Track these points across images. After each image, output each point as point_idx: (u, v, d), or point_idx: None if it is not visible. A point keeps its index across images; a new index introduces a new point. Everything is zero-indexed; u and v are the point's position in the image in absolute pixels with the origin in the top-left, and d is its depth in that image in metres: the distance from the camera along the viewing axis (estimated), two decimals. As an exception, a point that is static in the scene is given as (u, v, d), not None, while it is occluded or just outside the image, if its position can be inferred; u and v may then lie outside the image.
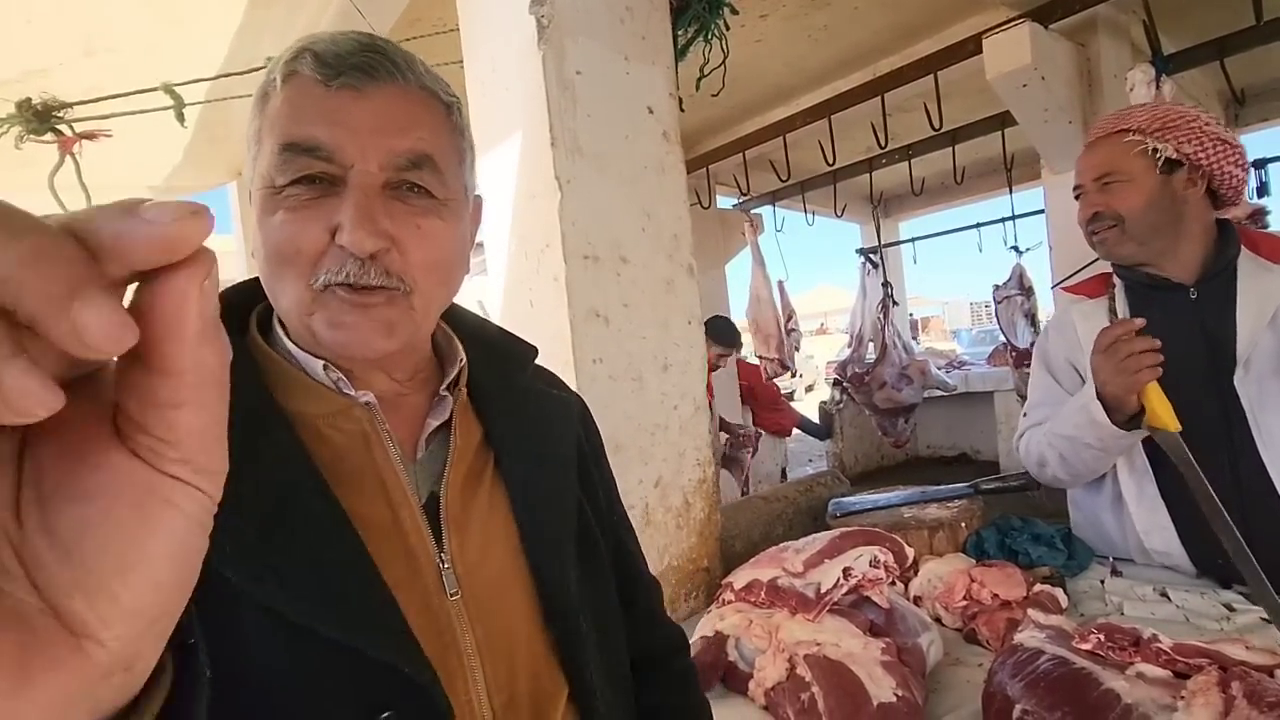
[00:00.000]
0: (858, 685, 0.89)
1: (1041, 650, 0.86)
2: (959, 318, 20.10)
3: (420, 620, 0.50)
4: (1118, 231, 1.24)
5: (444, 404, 0.58)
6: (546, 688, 0.57)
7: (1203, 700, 0.72)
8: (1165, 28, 2.55)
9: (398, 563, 0.51)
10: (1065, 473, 1.28)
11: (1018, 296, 3.86)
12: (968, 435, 6.18)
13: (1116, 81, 2.71)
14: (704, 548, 1.32)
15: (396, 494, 0.53)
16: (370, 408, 0.53)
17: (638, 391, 1.24)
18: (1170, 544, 1.22)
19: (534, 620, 0.57)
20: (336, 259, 0.48)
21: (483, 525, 0.57)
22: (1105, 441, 1.16)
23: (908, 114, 3.29)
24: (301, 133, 0.48)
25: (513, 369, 0.66)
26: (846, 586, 1.03)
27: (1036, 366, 1.40)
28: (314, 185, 0.49)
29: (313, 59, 0.49)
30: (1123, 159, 1.23)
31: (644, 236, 1.27)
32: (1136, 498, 1.24)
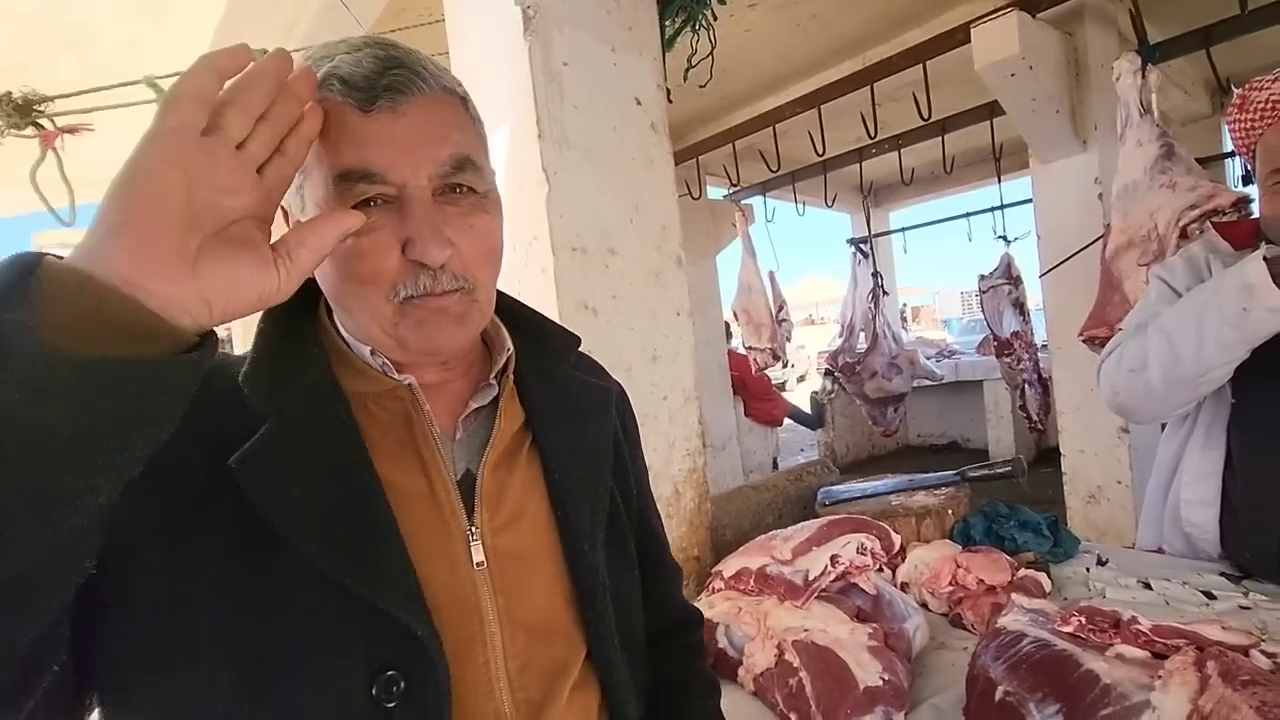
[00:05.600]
0: (844, 670, 0.90)
1: (1024, 633, 0.88)
2: (949, 307, 20.21)
3: (446, 585, 0.54)
4: None
5: (488, 390, 0.62)
6: (561, 656, 0.60)
7: (1179, 679, 0.74)
8: (1152, 16, 2.56)
9: (431, 530, 0.55)
10: (1166, 373, 1.11)
11: (1005, 286, 3.88)
12: (958, 423, 6.24)
13: (1103, 71, 2.72)
14: (694, 537, 1.33)
15: (433, 468, 0.57)
16: (413, 389, 0.58)
17: (627, 382, 1.22)
18: (1208, 520, 1.20)
19: (558, 595, 0.61)
20: (411, 272, 0.53)
21: (516, 503, 0.61)
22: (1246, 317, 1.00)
23: (897, 103, 3.29)
24: (353, 160, 0.51)
25: (555, 358, 0.69)
26: (834, 573, 1.05)
27: (1155, 283, 1.26)
28: (372, 207, 0.52)
29: (341, 85, 0.52)
30: None
31: (632, 228, 1.27)
32: (1197, 468, 1.21)
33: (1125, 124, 2.52)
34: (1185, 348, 1.08)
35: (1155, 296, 1.26)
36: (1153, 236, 2.34)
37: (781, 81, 3.66)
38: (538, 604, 0.60)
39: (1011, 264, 3.99)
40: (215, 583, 0.47)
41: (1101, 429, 2.93)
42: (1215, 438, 1.18)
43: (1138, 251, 2.41)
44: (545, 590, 0.61)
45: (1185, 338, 1.08)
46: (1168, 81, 3.49)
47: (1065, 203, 3.04)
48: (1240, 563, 1.19)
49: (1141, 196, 2.44)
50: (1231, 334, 1.03)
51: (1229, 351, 1.05)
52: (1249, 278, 1.00)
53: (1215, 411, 1.18)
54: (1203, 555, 1.24)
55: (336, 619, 0.49)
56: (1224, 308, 1.03)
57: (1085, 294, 2.67)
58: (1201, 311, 1.07)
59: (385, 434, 0.57)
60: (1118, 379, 1.22)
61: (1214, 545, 1.22)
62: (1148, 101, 2.49)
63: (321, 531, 0.49)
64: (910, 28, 3.18)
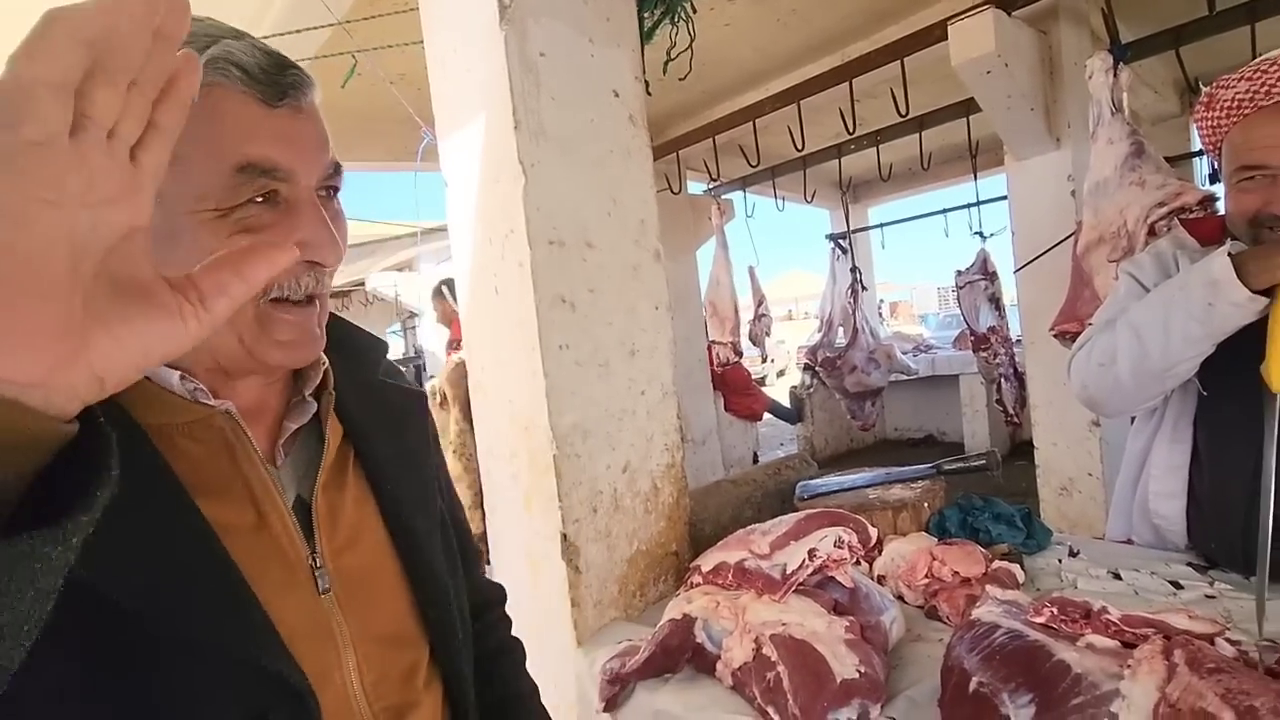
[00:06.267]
0: (822, 663, 0.90)
1: (998, 624, 0.89)
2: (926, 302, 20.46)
3: (297, 618, 0.53)
4: None
5: (304, 407, 0.60)
6: (412, 660, 0.62)
7: (1147, 668, 0.75)
8: (1123, 16, 2.60)
9: (272, 566, 0.53)
10: (1134, 367, 1.13)
11: (981, 281, 3.93)
12: (934, 417, 6.32)
13: (1077, 69, 2.76)
14: (672, 532, 1.33)
15: (265, 500, 0.55)
16: (231, 416, 0.54)
17: (604, 377, 1.23)
18: (1176, 511, 1.23)
19: (403, 604, 0.62)
20: (292, 273, 0.51)
21: (351, 523, 0.60)
22: (1211, 312, 1.01)
23: (876, 100, 3.31)
24: (258, 154, 0.49)
25: (368, 367, 0.68)
26: (812, 567, 1.05)
27: (1124, 278, 1.28)
28: (263, 205, 0.50)
29: (242, 73, 0.49)
30: None
31: (610, 222, 1.26)
32: (1165, 460, 1.23)
33: (1097, 122, 2.56)
34: (1153, 342, 1.10)
35: (1124, 292, 1.28)
36: (1122, 233, 2.38)
37: (761, 76, 3.66)
38: (385, 617, 0.60)
39: (988, 260, 4.04)
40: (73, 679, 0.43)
41: (1073, 422, 2.99)
42: (1182, 431, 1.20)
43: (1108, 248, 2.45)
44: (391, 603, 0.61)
45: (1153, 332, 1.10)
46: (1138, 81, 3.55)
47: (1039, 199, 3.08)
48: (1206, 553, 1.22)
49: (1112, 194, 2.48)
50: (1197, 328, 1.05)
51: (1195, 346, 1.06)
52: (1214, 274, 1.01)
53: (1182, 405, 1.21)
54: (1170, 546, 1.27)
55: (204, 678, 0.47)
56: (1190, 303, 1.05)
57: (1058, 289, 2.71)
58: (1168, 306, 1.08)
59: (202, 469, 0.52)
60: (1087, 373, 1.23)
61: (1181, 536, 1.24)
62: (1119, 100, 2.53)
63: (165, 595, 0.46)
64: (888, 24, 3.19)
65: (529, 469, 1.20)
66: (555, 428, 1.15)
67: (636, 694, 1.04)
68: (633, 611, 1.25)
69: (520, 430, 1.21)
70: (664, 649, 1.03)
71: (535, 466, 1.18)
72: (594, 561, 1.19)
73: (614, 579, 1.22)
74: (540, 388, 1.14)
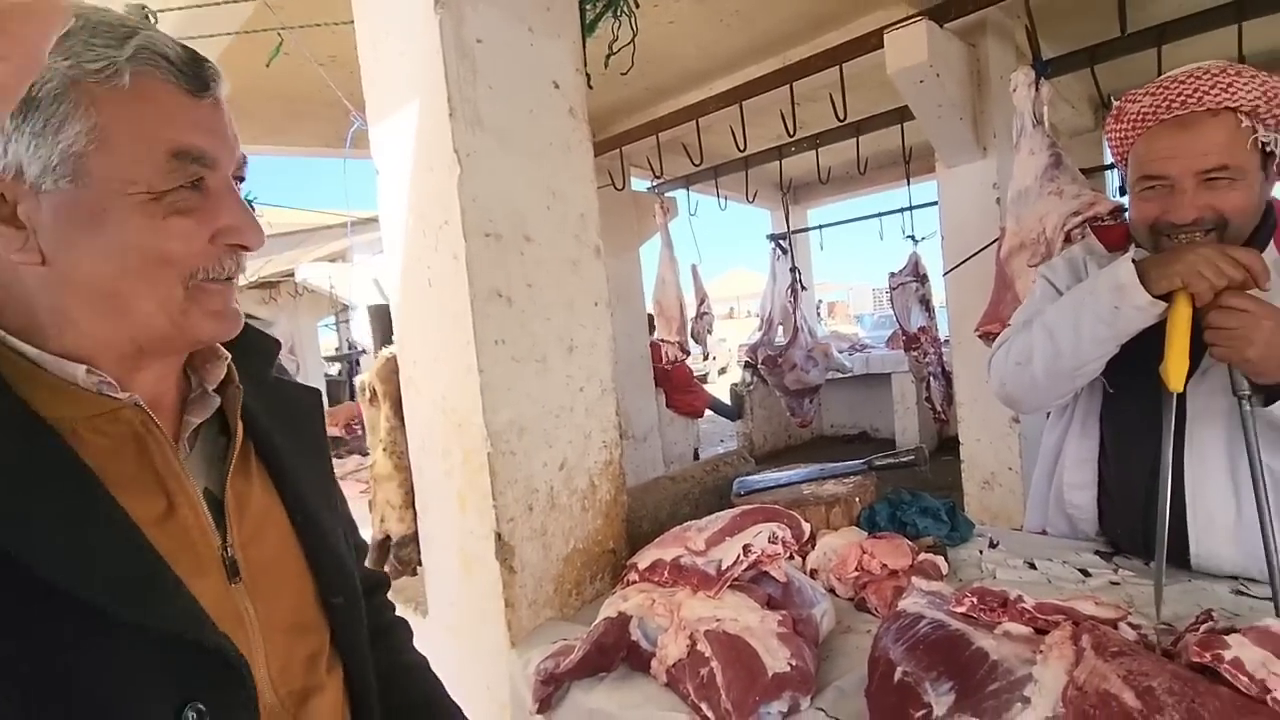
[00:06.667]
0: (754, 657, 0.91)
1: (922, 615, 0.92)
2: (862, 303, 21.12)
3: (212, 607, 0.54)
4: (1213, 238, 1.05)
5: (206, 401, 0.62)
6: (315, 646, 0.65)
7: (1057, 654, 0.79)
8: (1045, 34, 2.73)
9: (183, 555, 0.54)
10: (1047, 366, 1.18)
11: (913, 283, 4.08)
12: (867, 414, 6.53)
13: (1002, 82, 2.89)
14: (610, 530, 1.32)
15: (176, 490, 0.56)
16: (140, 408, 0.54)
17: (542, 373, 1.21)
18: (1087, 502, 1.30)
19: (307, 592, 0.65)
20: (214, 256, 0.54)
21: (257, 514, 0.62)
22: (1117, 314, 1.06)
23: (815, 104, 3.39)
24: (189, 141, 0.51)
25: (264, 363, 0.70)
26: (746, 562, 1.06)
27: (1040, 282, 1.34)
28: (191, 190, 0.52)
29: (168, 63, 0.51)
30: (1239, 150, 1.03)
31: (549, 215, 1.24)
32: (1076, 454, 1.29)
33: (1020, 133, 2.69)
34: (1064, 342, 1.15)
35: (1040, 294, 1.34)
36: (1041, 239, 2.51)
37: (705, 76, 3.68)
38: (290, 605, 0.63)
39: (919, 262, 4.20)
40: None
41: (995, 419, 3.14)
42: (1091, 426, 1.27)
43: (1028, 253, 2.58)
44: (295, 592, 0.64)
45: (1064, 333, 1.15)
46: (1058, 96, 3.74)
47: (966, 205, 3.22)
48: (1114, 540, 1.30)
49: (1032, 202, 2.61)
50: (1105, 330, 1.10)
51: (1102, 346, 1.12)
52: (1120, 278, 1.06)
53: (1090, 402, 1.28)
54: (1083, 535, 1.34)
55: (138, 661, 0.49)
56: (1098, 306, 1.10)
57: (983, 292, 2.84)
58: (1079, 309, 1.14)
59: (110, 461, 0.52)
60: (1005, 371, 1.29)
61: (1093, 525, 1.32)
62: (1040, 113, 2.66)
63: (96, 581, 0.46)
64: (828, 30, 3.26)
65: (463, 467, 1.17)
66: (490, 425, 1.12)
67: (571, 694, 1.03)
68: (569, 610, 1.24)
69: (454, 427, 1.18)
70: (599, 648, 1.02)
71: (469, 464, 1.15)
72: (529, 561, 1.17)
73: (549, 578, 1.21)
74: (475, 384, 1.11)
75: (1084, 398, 1.29)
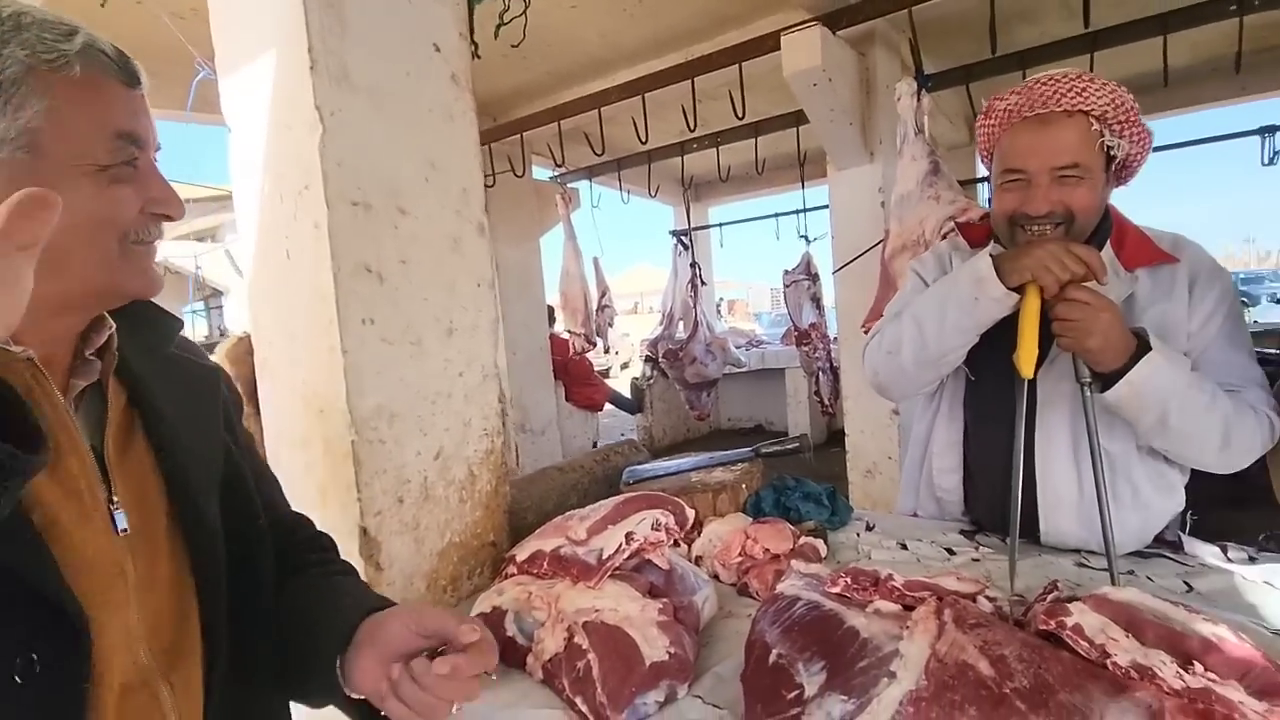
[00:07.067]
0: (632, 647, 0.89)
1: (799, 597, 0.92)
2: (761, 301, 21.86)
3: (96, 556, 0.59)
4: (1061, 232, 1.13)
5: (89, 366, 0.65)
6: (187, 604, 0.68)
7: (922, 628, 0.81)
8: (927, 50, 2.90)
9: (70, 505, 0.58)
10: (915, 354, 1.23)
11: (805, 281, 4.24)
12: (762, 408, 6.75)
13: (888, 92, 3.04)
14: (490, 521, 1.26)
15: (65, 441, 0.59)
16: (33, 362, 0.58)
17: (417, 357, 1.13)
18: (954, 484, 1.37)
19: (178, 552, 0.68)
20: (141, 223, 0.62)
21: (137, 475, 0.66)
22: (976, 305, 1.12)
23: (717, 102, 3.43)
24: (130, 125, 0.60)
25: (159, 338, 0.74)
26: (629, 551, 1.03)
27: (910, 275, 1.42)
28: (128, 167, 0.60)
29: (107, 58, 0.60)
30: (1088, 151, 1.11)
31: (428, 188, 1.15)
32: (944, 438, 1.36)
33: (903, 140, 2.84)
34: (930, 331, 1.21)
35: (910, 288, 1.41)
36: (921, 241, 2.66)
37: (608, 66, 3.65)
38: (165, 563, 0.66)
39: (810, 262, 4.36)
40: None
41: (878, 412, 3.31)
42: (956, 411, 1.35)
43: (910, 254, 2.72)
44: (169, 554, 0.67)
45: (930, 323, 1.21)
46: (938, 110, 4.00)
47: (855, 208, 3.37)
48: (977, 520, 1.38)
49: (913, 206, 2.76)
50: (966, 319, 1.16)
51: (963, 335, 1.19)
52: (978, 271, 1.13)
53: (955, 390, 1.35)
54: (950, 516, 1.42)
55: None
56: (959, 297, 1.16)
57: (869, 290, 2.98)
58: (942, 300, 1.20)
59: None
60: (878, 360, 1.35)
61: (959, 506, 1.39)
62: (921, 122, 2.82)
63: None
64: (729, 29, 3.32)
65: (324, 457, 1.07)
66: (355, 410, 1.03)
67: (441, 696, 0.96)
68: (443, 607, 1.16)
69: (315, 414, 1.08)
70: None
71: (331, 454, 1.06)
72: (398, 556, 1.09)
73: (422, 574, 1.13)
74: (339, 366, 1.02)
75: (949, 386, 1.36)
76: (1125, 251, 1.20)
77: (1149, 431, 1.12)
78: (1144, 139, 1.16)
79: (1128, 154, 1.16)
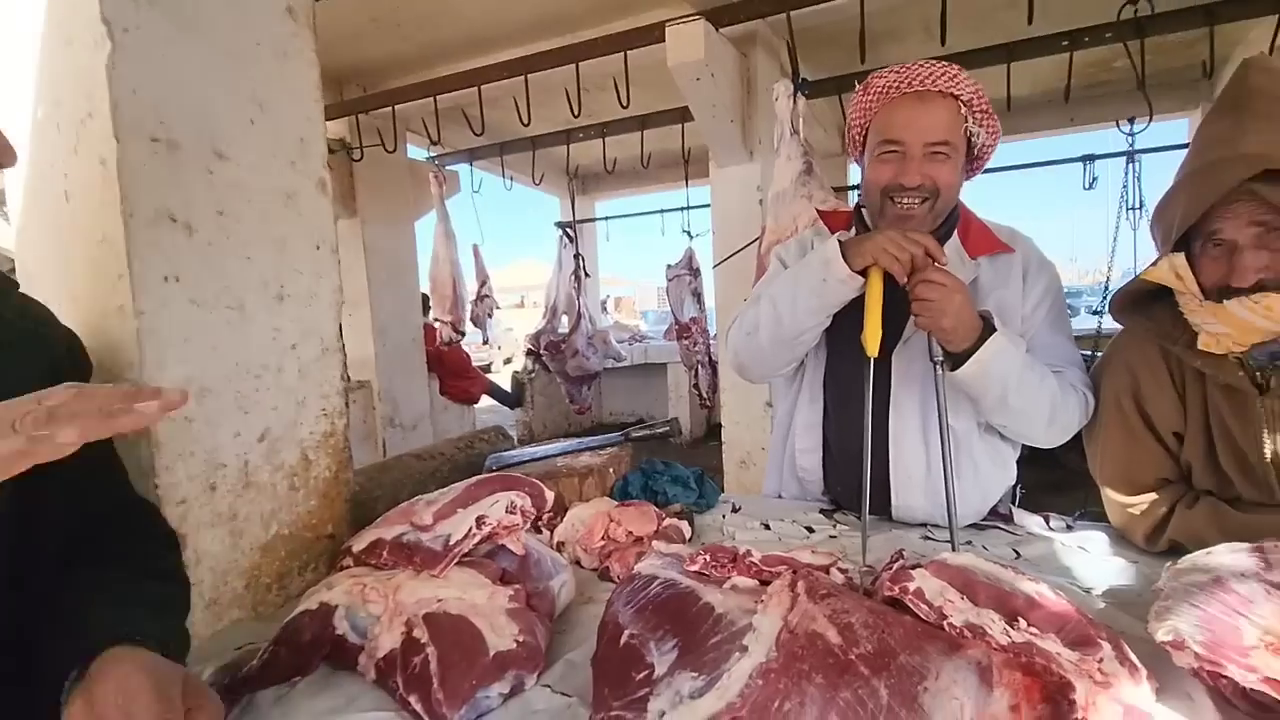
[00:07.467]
0: (476, 638, 0.81)
1: (655, 576, 0.89)
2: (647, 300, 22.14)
3: None
4: (928, 207, 1.20)
5: None
6: None
7: (775, 600, 0.79)
8: (804, 57, 3.01)
9: None
10: (771, 335, 1.27)
11: (686, 276, 4.30)
12: (644, 402, 6.81)
13: (768, 94, 3.12)
14: (329, 511, 1.13)
15: None
16: None
17: (238, 324, 0.99)
18: (814, 464, 1.40)
19: None
20: None
21: None
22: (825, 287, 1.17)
23: (604, 93, 3.38)
24: None
25: None
26: (480, 535, 0.96)
27: (774, 261, 1.46)
28: None
29: None
30: (956, 132, 1.19)
31: (254, 132, 1.02)
32: (804, 419, 1.39)
33: (780, 140, 2.93)
34: (785, 312, 1.24)
35: (772, 272, 1.45)
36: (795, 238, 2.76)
37: (490, 44, 3.51)
38: None
39: (693, 257, 4.43)
40: None
41: (752, 404, 3.40)
42: (816, 393, 1.38)
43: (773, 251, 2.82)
44: None
45: (785, 304, 1.25)
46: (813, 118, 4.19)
47: (734, 204, 3.44)
48: (836, 498, 1.41)
49: (788, 204, 2.85)
50: (815, 300, 1.20)
51: (814, 316, 1.23)
52: (827, 254, 1.17)
53: (816, 371, 1.38)
54: (810, 496, 1.45)
55: None
56: (811, 279, 1.20)
57: (747, 285, 3.04)
58: (795, 283, 1.24)
59: None
60: (738, 341, 1.37)
61: (819, 486, 1.43)
62: (797, 123, 2.92)
63: None
64: (615, 18, 3.29)
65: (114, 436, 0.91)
66: (153, 383, 0.88)
67: (254, 707, 0.84)
68: (266, 608, 1.03)
69: (103, 386, 0.91)
70: (292, 648, 0.85)
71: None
72: (209, 552, 0.95)
73: (239, 572, 0.99)
74: (130, 330, 0.87)
75: (810, 368, 1.39)
76: (969, 241, 1.28)
77: (991, 408, 1.19)
78: (995, 133, 1.25)
79: (982, 144, 1.25)
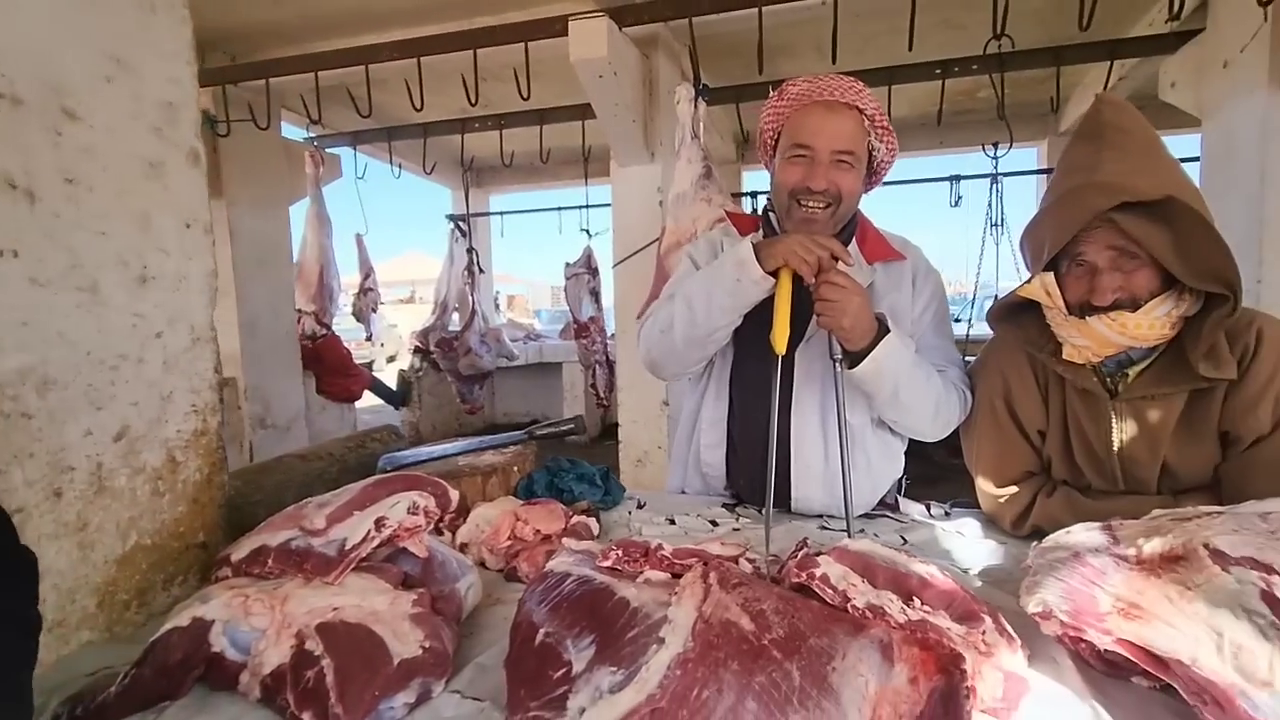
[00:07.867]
0: (378, 646, 0.76)
1: (569, 573, 0.87)
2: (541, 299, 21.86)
3: None
4: (830, 212, 1.26)
5: None
6: None
7: (689, 592, 0.80)
8: (704, 65, 3.07)
9: None
10: (685, 332, 1.29)
11: (585, 275, 4.28)
12: (540, 402, 6.71)
13: (670, 96, 3.17)
14: (200, 518, 1.02)
15: None
16: None
17: (89, 307, 0.87)
18: (719, 460, 1.43)
19: None
20: None
21: None
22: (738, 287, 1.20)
23: (502, 83, 3.30)
24: None
25: None
26: (379, 539, 0.90)
27: (684, 260, 1.49)
28: None
29: None
30: (859, 142, 1.25)
31: (110, 90, 0.90)
32: (710, 416, 1.42)
33: (680, 143, 2.98)
34: (699, 311, 1.27)
35: (683, 271, 1.48)
36: (694, 239, 2.82)
37: (380, 22, 3.33)
38: None
39: (591, 256, 4.42)
40: None
41: (650, 403, 3.44)
42: (722, 389, 1.42)
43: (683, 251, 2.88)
44: None
45: (698, 303, 1.27)
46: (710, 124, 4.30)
47: (635, 205, 3.47)
48: (739, 493, 1.45)
49: (688, 206, 2.91)
50: (729, 300, 1.23)
51: (727, 315, 1.26)
52: (740, 255, 1.21)
53: (723, 369, 1.42)
54: (714, 491, 1.48)
55: None
56: (724, 279, 1.24)
57: (647, 285, 3.07)
58: (710, 282, 1.27)
59: None
60: (651, 339, 1.38)
61: (722, 481, 1.46)
62: (697, 127, 2.98)
63: None
64: (514, 8, 3.21)
65: (-73, 437, 0.77)
66: (-18, 371, 0.75)
67: (112, 741, 0.73)
68: (124, 628, 0.91)
69: (-87, 377, 0.77)
70: (158, 669, 0.75)
71: (-61, 432, 0.76)
72: (53, 566, 0.82)
73: (90, 589, 0.87)
74: (-47, 309, 0.74)
75: (717, 365, 1.42)
76: (866, 247, 1.36)
77: (884, 404, 1.27)
78: (893, 149, 1.34)
79: (881, 159, 1.33)
